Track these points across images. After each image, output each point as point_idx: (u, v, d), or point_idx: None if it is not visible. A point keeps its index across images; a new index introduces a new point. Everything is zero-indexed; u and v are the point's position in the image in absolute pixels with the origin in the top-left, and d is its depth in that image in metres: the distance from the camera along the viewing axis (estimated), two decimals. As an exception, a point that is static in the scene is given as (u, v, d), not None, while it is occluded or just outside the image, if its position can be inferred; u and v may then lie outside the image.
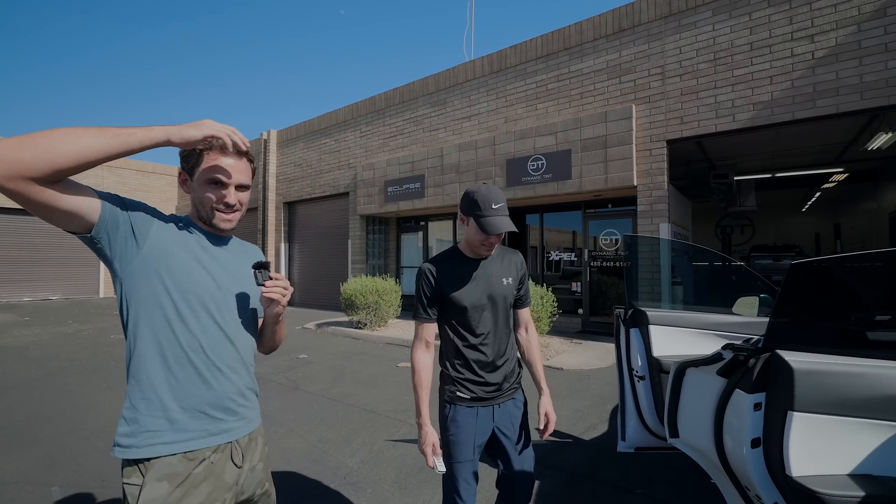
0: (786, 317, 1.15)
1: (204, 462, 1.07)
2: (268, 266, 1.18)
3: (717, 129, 6.05)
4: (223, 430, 1.12)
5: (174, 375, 1.07)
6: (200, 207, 1.16)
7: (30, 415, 3.95)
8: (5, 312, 11.41)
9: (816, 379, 1.11)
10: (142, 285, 1.06)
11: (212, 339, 1.12)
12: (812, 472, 1.16)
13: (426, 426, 1.52)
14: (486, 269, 1.62)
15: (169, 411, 1.05)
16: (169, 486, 1.01)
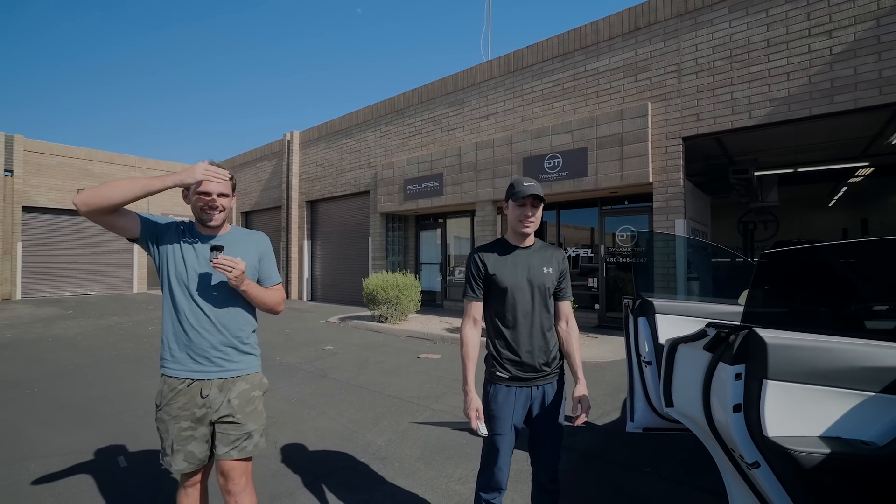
0: (760, 298, 1.33)
1: (184, 384, 1.67)
2: (221, 248, 1.61)
3: (733, 125, 6.10)
4: (198, 371, 1.68)
5: (173, 329, 1.68)
6: (195, 213, 1.72)
7: (88, 396, 4.35)
8: (51, 306, 12.16)
9: (787, 352, 1.30)
10: (160, 272, 1.71)
11: (191, 309, 1.67)
12: (786, 434, 1.35)
13: (471, 393, 1.71)
14: (527, 257, 1.81)
15: (171, 350, 1.69)
16: (167, 389, 1.68)
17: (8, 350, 6.56)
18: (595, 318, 8.16)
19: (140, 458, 3.00)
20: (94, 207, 1.48)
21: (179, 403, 1.65)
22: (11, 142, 14.31)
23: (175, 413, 1.65)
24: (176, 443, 1.66)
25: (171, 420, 1.65)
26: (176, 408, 1.65)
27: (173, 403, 1.65)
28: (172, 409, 1.65)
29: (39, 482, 2.68)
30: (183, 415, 1.66)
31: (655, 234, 6.49)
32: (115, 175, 16.50)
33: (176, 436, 1.66)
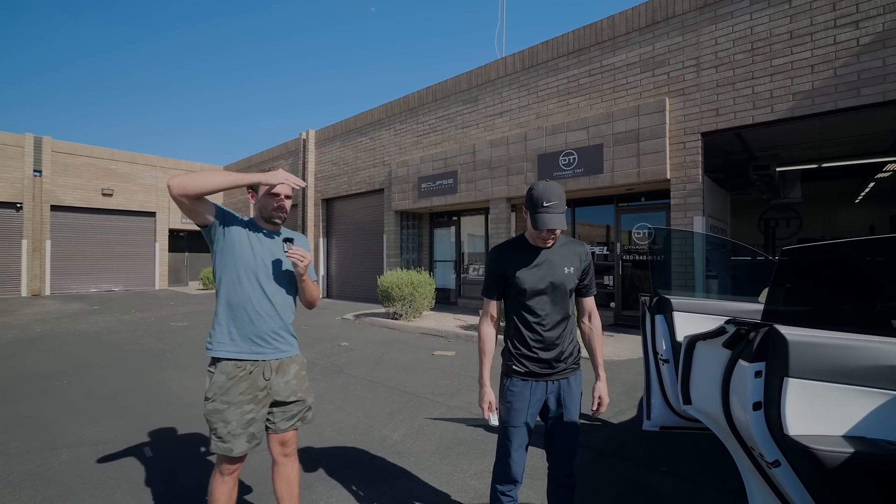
0: (781, 295, 1.31)
1: (245, 369, 1.76)
2: (292, 240, 1.83)
3: (753, 120, 5.96)
4: (258, 353, 1.79)
5: (235, 314, 1.78)
6: (263, 211, 1.86)
7: (114, 389, 4.50)
8: (77, 302, 12.57)
9: (809, 350, 1.28)
10: (222, 260, 1.80)
11: (256, 296, 1.79)
12: (808, 433, 1.33)
13: (486, 386, 1.76)
14: (548, 256, 1.77)
15: (231, 335, 1.78)
16: (224, 379, 1.75)
17: (39, 344, 6.81)
18: (611, 316, 8.08)
19: (164, 448, 3.09)
20: (188, 192, 1.61)
21: (241, 389, 1.74)
22: (40, 143, 14.80)
23: (236, 399, 1.73)
24: (239, 426, 1.73)
25: (230, 407, 1.72)
26: (237, 394, 1.73)
27: (233, 390, 1.73)
28: (232, 396, 1.73)
29: (70, 469, 2.79)
30: (244, 399, 1.74)
31: (673, 231, 6.40)
32: (138, 174, 16.94)
33: (239, 420, 1.73)
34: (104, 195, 16.01)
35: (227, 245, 1.78)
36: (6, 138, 14.21)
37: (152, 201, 17.18)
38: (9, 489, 2.56)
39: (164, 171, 17.56)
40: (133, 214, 16.88)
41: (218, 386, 1.73)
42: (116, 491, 2.54)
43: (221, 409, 1.72)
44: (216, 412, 1.73)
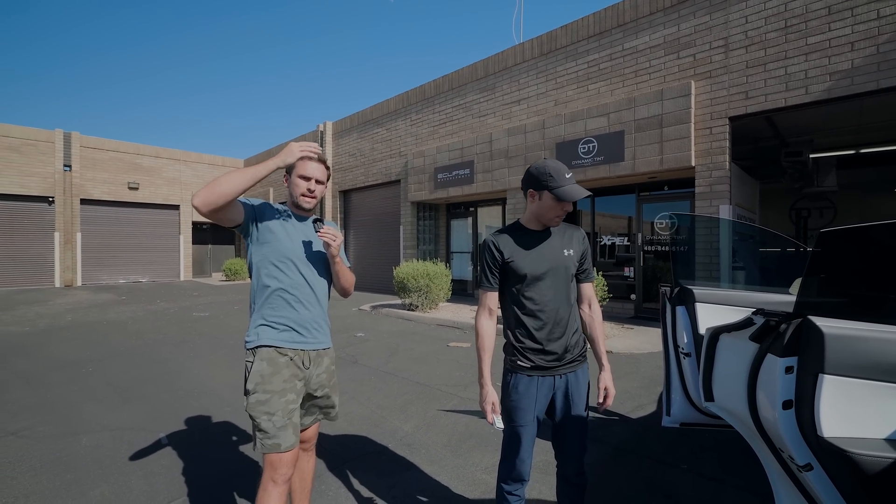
0: (816, 284, 1.19)
1: (286, 356, 1.70)
2: (322, 220, 1.80)
3: (786, 103, 5.64)
4: (300, 341, 1.74)
5: (276, 303, 1.72)
6: (293, 193, 1.79)
7: (135, 377, 4.61)
8: (106, 292, 13.02)
9: (848, 343, 1.15)
10: (257, 251, 1.75)
11: (296, 283, 1.74)
12: (844, 434, 1.21)
13: (487, 386, 1.64)
14: (547, 241, 1.70)
15: (272, 325, 1.71)
16: (266, 364, 1.67)
17: (68, 332, 7.06)
18: (631, 308, 7.87)
19: (179, 436, 3.14)
20: (214, 205, 1.53)
21: (285, 376, 1.67)
22: (69, 138, 15.29)
23: (280, 387, 1.65)
24: (284, 417, 1.63)
25: (274, 396, 1.62)
26: (281, 381, 1.65)
27: (277, 378, 1.65)
28: (276, 384, 1.64)
29: (89, 455, 2.85)
30: (288, 387, 1.67)
31: (698, 218, 6.14)
32: (163, 168, 17.35)
33: (284, 409, 1.63)
34: (130, 189, 16.47)
35: (261, 235, 1.73)
36: (37, 134, 14.73)
37: (176, 194, 17.60)
38: (30, 472, 2.63)
39: (186, 165, 17.95)
40: (158, 207, 17.33)
41: (259, 375, 1.64)
42: (132, 476, 2.57)
43: (264, 399, 1.62)
44: (259, 404, 1.62)
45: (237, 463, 2.74)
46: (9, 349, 5.86)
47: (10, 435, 3.16)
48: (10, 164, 14.18)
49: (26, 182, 14.44)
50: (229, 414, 3.54)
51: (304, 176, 1.75)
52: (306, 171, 1.75)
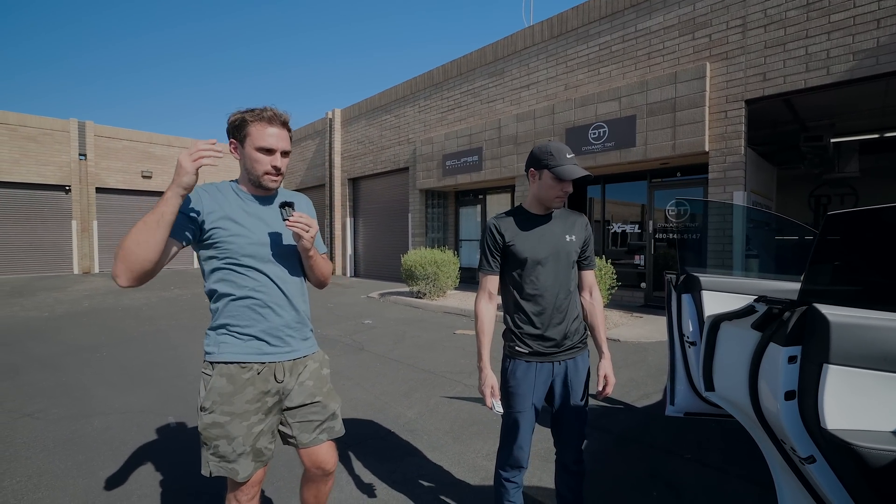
0: (822, 270, 1.13)
1: (252, 371, 1.40)
2: (292, 205, 1.38)
3: (806, 84, 5.43)
4: (269, 352, 1.43)
5: (238, 311, 1.40)
6: (251, 171, 1.40)
7: (147, 361, 4.71)
8: (122, 279, 13.30)
9: (855, 332, 1.10)
10: (206, 253, 1.40)
11: (260, 285, 1.41)
12: (849, 427, 1.16)
13: (486, 369, 1.61)
14: (549, 225, 1.67)
15: (234, 335, 1.41)
16: (226, 381, 1.38)
17: (85, 318, 7.24)
18: (641, 297, 7.78)
19: (187, 419, 3.20)
20: (146, 273, 1.25)
21: (248, 396, 1.37)
22: (84, 128, 15.49)
23: (242, 409, 1.36)
24: (246, 442, 1.37)
25: (234, 420, 1.36)
26: (243, 402, 1.37)
27: (238, 398, 1.36)
28: (237, 405, 1.36)
29: (100, 436, 2.93)
30: (252, 409, 1.38)
31: (704, 204, 5.99)
32: (174, 157, 17.50)
33: (245, 436, 1.37)
34: (144, 177, 16.68)
35: (211, 233, 1.36)
36: (53, 124, 14.95)
37: (189, 183, 17.77)
38: (44, 452, 2.71)
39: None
40: (171, 196, 17.53)
41: (217, 393, 1.36)
42: (140, 458, 2.63)
43: (223, 421, 1.36)
44: (216, 426, 1.36)
45: (242, 446, 2.79)
46: (27, 334, 6.03)
47: (26, 416, 3.26)
48: (28, 154, 14.44)
49: (43, 171, 14.71)
50: (236, 398, 3.60)
51: (263, 148, 1.36)
52: (266, 142, 1.36)
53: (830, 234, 1.10)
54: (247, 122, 1.36)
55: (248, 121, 1.36)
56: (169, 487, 2.33)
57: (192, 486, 2.33)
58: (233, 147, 1.42)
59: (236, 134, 1.39)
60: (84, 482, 2.38)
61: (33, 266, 14.72)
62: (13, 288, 11.17)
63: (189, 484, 2.35)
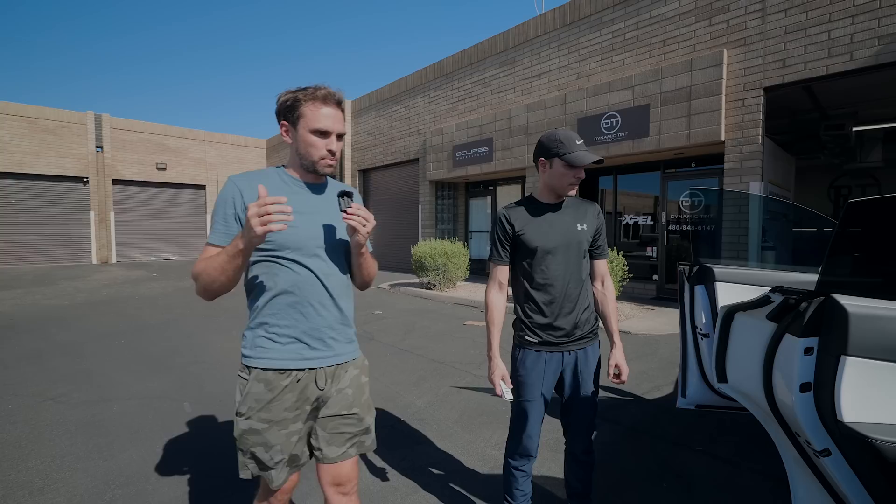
0: (841, 260, 1.10)
1: (291, 378, 1.28)
2: (351, 195, 1.25)
3: (828, 70, 5.26)
4: (311, 357, 1.30)
5: (277, 308, 1.28)
6: (305, 156, 1.29)
7: (163, 348, 4.82)
8: (139, 269, 13.57)
9: (874, 324, 1.07)
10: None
11: (303, 281, 1.28)
12: (865, 420, 1.14)
13: (496, 358, 1.62)
14: (560, 214, 1.66)
15: (273, 336, 1.28)
16: (264, 388, 1.27)
17: (104, 306, 7.41)
18: (653, 289, 7.69)
19: (203, 405, 3.27)
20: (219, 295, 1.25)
21: (287, 403, 1.28)
22: (100, 120, 15.73)
23: (280, 417, 1.27)
24: (283, 451, 1.29)
25: (272, 427, 1.27)
26: (281, 409, 1.27)
27: (276, 405, 1.26)
28: (276, 412, 1.27)
29: (119, 420, 3.01)
30: (290, 416, 1.29)
31: (718, 194, 5.88)
32: (188, 149, 17.70)
33: (284, 444, 1.28)
34: (158, 169, 16.91)
35: None
36: (71, 116, 15.20)
37: (202, 175, 17.98)
38: (66, 435, 2.80)
39: (211, 146, 18.26)
40: (185, 188, 17.78)
41: (255, 399, 1.26)
42: (157, 442, 2.71)
43: (260, 429, 1.26)
44: (253, 433, 1.27)
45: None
46: (50, 321, 6.20)
47: (49, 400, 3.36)
48: (47, 146, 14.73)
49: (62, 163, 15.00)
50: (250, 386, 3.66)
51: (318, 130, 1.26)
52: (322, 123, 1.25)
53: (851, 223, 1.07)
54: (300, 103, 1.25)
55: (302, 100, 1.25)
56: (185, 470, 2.39)
57: (206, 468, 2.39)
58: (284, 130, 1.31)
59: (288, 115, 1.28)
60: (104, 464, 2.45)
61: (53, 256, 15.09)
62: (35, 277, 11.47)
63: (204, 467, 2.41)
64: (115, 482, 2.28)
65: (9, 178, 14.27)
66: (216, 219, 1.27)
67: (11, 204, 14.37)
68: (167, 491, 2.20)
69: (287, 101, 1.28)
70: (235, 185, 1.26)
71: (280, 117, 1.31)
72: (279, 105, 1.30)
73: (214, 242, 1.25)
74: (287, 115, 1.29)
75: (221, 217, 1.26)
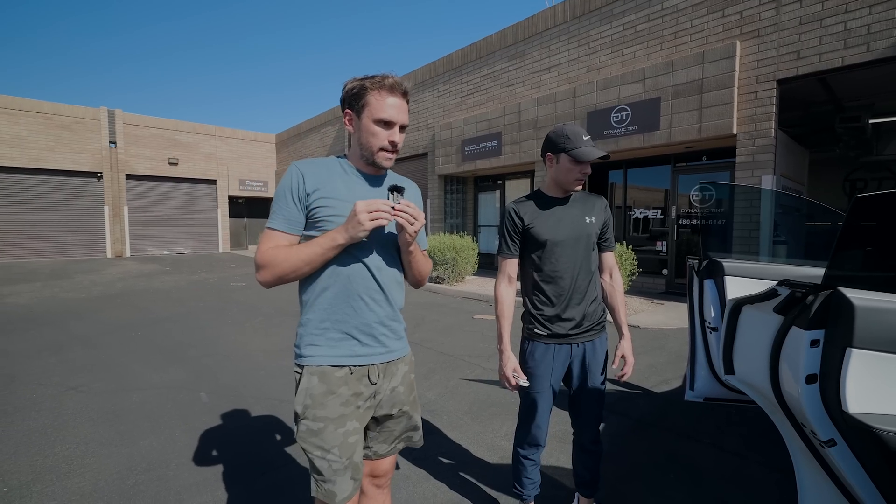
0: (848, 254, 1.12)
1: (344, 372, 1.24)
2: (402, 191, 1.22)
3: (843, 62, 5.17)
4: (362, 354, 1.26)
5: (329, 302, 1.24)
6: (365, 146, 1.25)
7: (178, 341, 4.93)
8: (152, 263, 13.80)
9: (880, 316, 1.09)
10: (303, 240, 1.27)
11: (356, 272, 1.24)
12: (870, 410, 1.16)
13: (507, 351, 1.65)
14: (568, 208, 1.69)
15: (325, 331, 1.24)
16: (318, 380, 1.22)
17: (119, 299, 7.58)
18: (662, 283, 7.67)
19: (218, 395, 3.36)
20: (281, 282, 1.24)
21: (344, 397, 1.22)
22: (113, 116, 15.95)
23: (337, 413, 1.20)
24: (344, 454, 1.20)
25: (329, 426, 1.20)
26: (338, 404, 1.21)
27: (333, 400, 1.21)
28: (332, 408, 1.20)
29: (138, 409, 3.11)
30: (349, 412, 1.22)
31: (729, 188, 5.83)
32: (199, 144, 17.89)
33: (342, 445, 1.20)
34: (170, 164, 17.13)
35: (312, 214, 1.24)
36: (85, 112, 15.43)
37: (213, 170, 18.18)
38: (89, 423, 2.90)
39: (222, 140, 18.43)
40: (196, 182, 17.99)
41: (308, 394, 1.21)
42: (176, 430, 2.79)
43: (316, 429, 1.19)
44: (311, 434, 1.20)
45: (268, 420, 2.92)
46: (68, 314, 6.36)
47: (71, 389, 3.48)
48: (63, 142, 14.99)
49: (77, 158, 15.26)
50: (263, 377, 3.75)
51: (382, 120, 1.21)
52: (386, 113, 1.21)
53: (858, 218, 1.09)
54: (366, 91, 1.21)
55: (368, 88, 1.21)
56: (204, 456, 2.47)
57: (226, 455, 2.47)
58: (347, 119, 1.28)
59: (353, 104, 1.24)
60: (127, 450, 2.54)
61: (69, 250, 15.40)
62: (52, 271, 11.73)
63: (224, 454, 2.49)
64: (137, 468, 2.36)
65: (26, 174, 14.57)
66: (279, 204, 1.24)
67: (28, 199, 14.68)
68: (188, 476, 2.29)
69: (353, 90, 1.23)
70: (299, 170, 1.25)
71: (344, 105, 1.28)
72: (345, 93, 1.27)
73: (277, 227, 1.23)
74: (352, 103, 1.25)
75: (283, 202, 1.23)
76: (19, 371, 3.90)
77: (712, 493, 2.14)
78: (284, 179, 1.25)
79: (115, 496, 2.12)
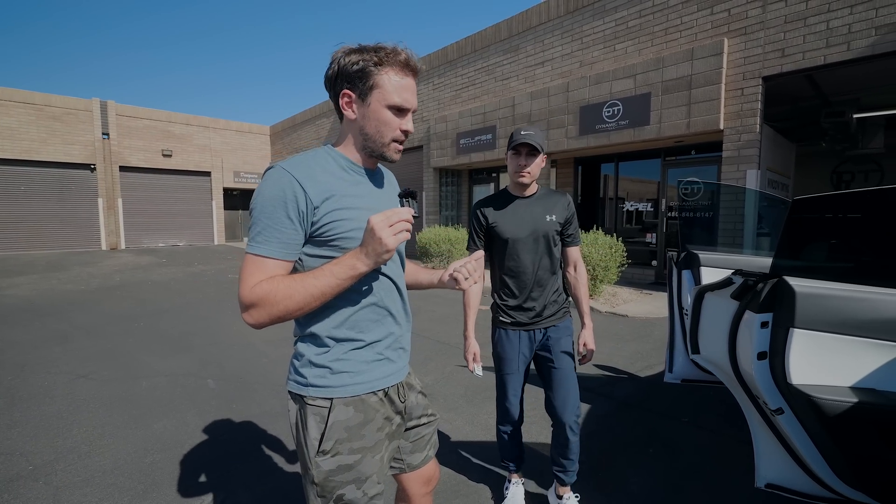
0: (789, 248, 1.28)
1: (380, 395, 1.10)
2: (414, 196, 1.03)
3: (825, 60, 5.34)
4: (394, 373, 1.13)
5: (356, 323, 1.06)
6: (373, 137, 1.03)
7: (182, 331, 5.07)
8: (148, 255, 13.84)
9: (818, 301, 1.27)
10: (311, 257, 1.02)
11: (380, 285, 1.08)
12: (810, 382, 1.35)
13: (470, 338, 1.85)
14: (529, 206, 1.83)
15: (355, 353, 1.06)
16: (354, 411, 1.05)
17: (119, 291, 7.67)
18: (651, 274, 7.89)
19: (225, 381, 3.52)
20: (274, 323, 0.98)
21: (378, 423, 1.08)
22: (106, 107, 15.83)
23: (374, 440, 1.07)
24: (380, 480, 1.08)
25: (366, 456, 1.05)
26: (374, 430, 1.07)
27: (370, 427, 1.06)
28: (369, 437, 1.06)
29: (149, 395, 3.26)
30: (382, 436, 1.10)
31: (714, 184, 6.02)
32: (193, 136, 17.79)
33: (379, 472, 1.08)
34: (164, 156, 17.06)
35: (321, 232, 0.99)
36: (77, 103, 15.30)
37: (207, 161, 18.12)
38: (103, 408, 3.05)
39: (216, 132, 18.35)
40: (191, 174, 17.94)
41: (343, 427, 1.03)
42: (187, 413, 2.95)
43: (352, 462, 1.03)
44: (343, 470, 1.03)
45: (276, 404, 3.08)
46: (69, 305, 6.46)
47: (81, 377, 3.62)
48: (55, 133, 14.88)
49: (70, 150, 15.17)
50: (266, 364, 3.91)
51: (397, 107, 1.00)
52: (402, 97, 1.00)
53: (797, 216, 1.26)
54: (377, 68, 0.98)
55: (379, 65, 0.98)
56: (217, 437, 2.64)
57: (238, 436, 2.64)
58: (345, 101, 1.02)
59: (356, 83, 0.99)
60: (141, 433, 2.70)
61: (64, 242, 15.37)
62: (48, 263, 11.75)
63: (236, 435, 2.66)
64: (153, 448, 2.52)
65: (18, 166, 14.47)
66: (267, 222, 0.94)
67: (21, 191, 14.60)
68: (203, 454, 2.45)
69: (356, 65, 0.97)
70: (293, 176, 0.95)
71: (342, 84, 1.00)
72: (341, 68, 0.99)
73: (268, 255, 0.94)
74: (354, 82, 0.99)
75: (274, 220, 0.94)
76: (29, 360, 4.03)
77: (688, 466, 2.34)
78: (271, 189, 0.94)
79: (136, 473, 2.28)
